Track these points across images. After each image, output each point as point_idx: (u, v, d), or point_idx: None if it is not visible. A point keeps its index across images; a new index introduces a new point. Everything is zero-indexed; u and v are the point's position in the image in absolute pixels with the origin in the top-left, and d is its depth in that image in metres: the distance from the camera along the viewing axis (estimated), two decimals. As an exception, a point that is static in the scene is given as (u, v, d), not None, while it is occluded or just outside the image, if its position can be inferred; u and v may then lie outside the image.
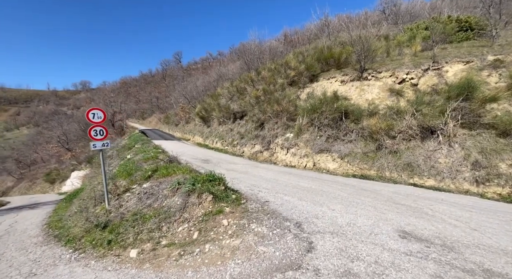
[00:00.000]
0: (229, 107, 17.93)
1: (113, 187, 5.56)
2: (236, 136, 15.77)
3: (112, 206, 5.12)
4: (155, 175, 6.08)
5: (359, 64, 11.69)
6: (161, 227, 3.91)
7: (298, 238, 3.29)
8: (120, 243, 3.80)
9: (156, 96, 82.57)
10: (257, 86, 18.00)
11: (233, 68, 36.94)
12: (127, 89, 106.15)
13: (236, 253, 3.10)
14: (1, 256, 4.18)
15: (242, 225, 3.74)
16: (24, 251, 4.33)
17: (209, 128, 20.50)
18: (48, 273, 3.24)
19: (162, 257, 3.26)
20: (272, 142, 12.75)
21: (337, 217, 4.06)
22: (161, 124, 44.75)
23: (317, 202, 4.94)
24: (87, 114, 4.92)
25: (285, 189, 6.05)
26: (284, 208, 4.50)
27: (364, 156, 8.85)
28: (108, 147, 5.33)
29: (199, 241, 3.48)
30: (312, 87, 13.97)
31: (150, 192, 5.07)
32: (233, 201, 4.55)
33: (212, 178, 5.03)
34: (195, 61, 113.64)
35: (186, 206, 4.25)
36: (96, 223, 4.43)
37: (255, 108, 15.37)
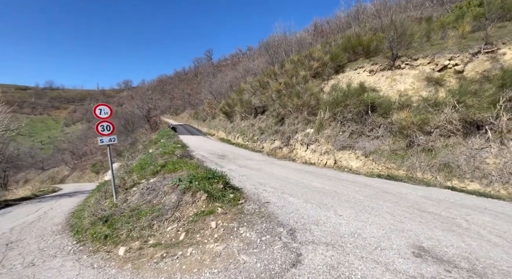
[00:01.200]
0: (250, 102, 17.68)
1: (121, 181, 5.74)
2: (257, 131, 15.49)
3: (119, 200, 5.27)
4: (163, 170, 6.12)
5: (391, 51, 10.38)
6: (152, 225, 3.83)
7: (286, 248, 2.88)
8: (114, 239, 3.83)
9: (188, 93, 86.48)
10: (280, 79, 17.39)
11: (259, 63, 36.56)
12: (162, 87, 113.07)
13: (216, 260, 2.82)
14: (20, 242, 4.57)
15: (230, 229, 3.45)
16: (39, 239, 4.66)
17: (231, 124, 20.58)
18: (44, 264, 3.38)
19: (145, 257, 3.15)
20: (291, 138, 12.18)
21: (341, 225, 3.51)
22: (192, 120, 46.69)
23: (324, 205, 4.41)
24: (94, 110, 5.08)
25: (293, 189, 5.59)
26: (284, 211, 4.08)
27: (392, 154, 7.85)
28: (114, 141, 5.48)
29: (184, 243, 3.29)
30: (337, 79, 12.93)
31: (152, 187, 5.08)
32: (229, 200, 4.28)
33: (211, 176, 4.82)
34: (225, 57, 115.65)
35: (179, 204, 4.12)
36: (100, 216, 4.57)
37: (275, 103, 14.85)
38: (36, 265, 3.40)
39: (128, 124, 44.70)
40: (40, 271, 3.16)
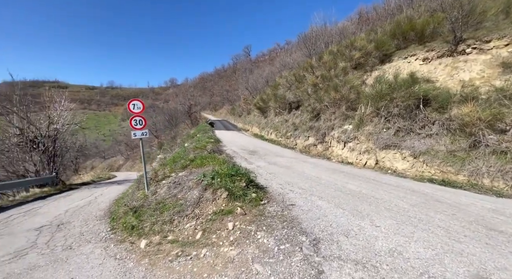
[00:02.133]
0: (285, 97, 17.12)
1: (153, 174, 6.00)
2: (290, 127, 14.94)
3: (150, 192, 5.51)
4: (191, 165, 6.21)
5: (453, 34, 8.75)
6: (173, 220, 3.83)
7: (307, 262, 2.49)
8: (139, 230, 3.96)
9: (226, 90, 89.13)
10: (317, 73, 16.40)
11: (296, 56, 35.32)
12: (204, 84, 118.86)
13: (228, 266, 2.61)
14: (68, 224, 5.10)
15: (247, 232, 3.20)
16: (83, 223, 5.15)
17: (265, 119, 20.34)
18: (78, 249, 3.66)
19: (162, 254, 3.12)
20: (327, 134, 11.36)
21: (377, 239, 2.95)
22: (229, 115, 48.03)
23: (359, 213, 3.83)
24: (128, 105, 5.35)
25: (324, 191, 5.07)
26: (309, 216, 3.66)
27: (450, 155, 6.61)
28: (146, 135, 5.71)
29: (199, 243, 3.17)
30: (383, 70, 11.54)
31: (179, 181, 5.16)
32: (250, 200, 4.04)
33: (234, 173, 4.64)
34: (263, 53, 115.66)
35: (200, 201, 4.03)
36: (131, 207, 4.82)
37: (311, 97, 14.04)
38: (72, 248, 3.71)
39: (171, 119, 48.20)
40: (73, 255, 3.41)
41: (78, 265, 3.08)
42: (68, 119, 12.61)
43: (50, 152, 11.68)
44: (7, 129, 11.30)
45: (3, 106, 11.07)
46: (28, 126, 11.18)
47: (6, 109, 11.01)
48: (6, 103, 11.18)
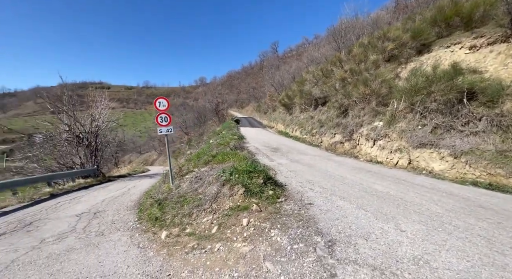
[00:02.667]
0: (310, 93, 16.61)
1: (178, 169, 6.28)
2: (316, 124, 14.47)
3: (174, 186, 5.78)
4: (213, 161, 6.36)
5: (509, 16, 7.63)
6: (192, 213, 3.96)
7: (319, 264, 2.38)
8: (161, 222, 4.18)
9: (253, 87, 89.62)
10: (346, 67, 15.59)
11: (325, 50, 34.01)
12: (231, 82, 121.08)
13: (239, 262, 2.61)
14: (103, 213, 5.60)
15: (261, 229, 3.16)
16: (115, 212, 5.60)
17: (290, 116, 19.98)
18: (108, 236, 3.99)
19: (179, 245, 3.25)
20: (355, 132, 10.76)
21: (401, 244, 2.70)
22: (255, 113, 48.29)
23: (383, 215, 3.55)
24: (155, 102, 5.65)
25: (346, 191, 4.80)
26: (327, 216, 3.49)
27: (500, 156, 5.81)
28: (171, 132, 5.99)
29: (215, 237, 3.23)
30: (420, 61, 10.55)
31: (200, 176, 5.32)
32: (267, 197, 3.99)
33: (252, 169, 4.62)
34: (290, 49, 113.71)
35: (218, 196, 4.10)
36: (156, 199, 5.11)
37: (338, 93, 13.40)
38: (104, 235, 4.06)
39: (200, 117, 50.05)
40: (103, 241, 3.74)
41: (106, 251, 3.36)
42: (107, 117, 13.85)
43: (92, 147, 12.96)
44: (59, 126, 12.79)
45: (55, 106, 12.55)
46: (75, 123, 12.53)
47: (57, 108, 12.47)
48: (57, 103, 12.64)
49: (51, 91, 25.55)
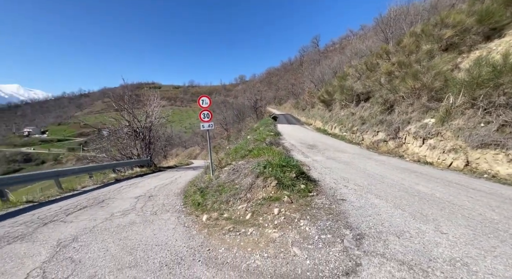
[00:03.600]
0: (352, 88, 15.76)
1: (218, 161, 6.82)
2: (357, 121, 13.73)
3: (214, 176, 6.33)
4: (249, 155, 6.73)
5: None
6: (229, 201, 4.35)
7: (345, 254, 2.47)
8: (202, 207, 4.69)
9: (292, 83, 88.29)
10: (393, 59, 14.35)
11: (371, 42, 31.61)
12: (270, 79, 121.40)
13: (269, 245, 2.87)
14: (155, 197, 6.48)
15: (291, 219, 3.35)
16: (165, 197, 6.42)
17: (330, 113, 19.27)
18: (160, 215, 4.67)
19: (218, 227, 3.66)
20: (401, 129, 9.95)
21: (438, 245, 2.58)
22: (293, 109, 47.71)
23: (422, 216, 3.37)
24: (198, 100, 6.25)
25: (384, 190, 4.62)
26: (359, 213, 3.47)
27: None
28: (212, 128, 6.53)
29: (248, 223, 3.54)
30: (488, 49, 9.18)
31: (237, 169, 5.72)
32: (299, 190, 4.13)
33: (285, 164, 4.80)
34: (333, 42, 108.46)
35: (252, 187, 4.41)
36: (198, 187, 5.70)
37: (383, 88, 12.46)
38: (156, 214, 4.77)
39: (239, 114, 51.65)
40: (156, 219, 4.41)
41: (159, 226, 3.99)
42: (159, 114, 15.56)
43: (146, 140, 14.76)
44: (121, 122, 14.89)
45: (118, 104, 14.65)
46: (133, 120, 14.43)
47: (120, 106, 14.53)
48: (120, 102, 14.72)
49: (115, 92, 29.89)
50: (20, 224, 4.13)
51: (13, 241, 3.34)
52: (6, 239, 3.44)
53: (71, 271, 2.54)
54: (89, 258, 2.83)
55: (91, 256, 2.88)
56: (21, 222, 4.24)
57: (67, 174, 7.97)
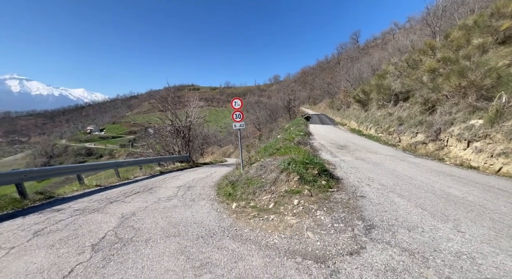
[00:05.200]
0: (390, 87, 14.96)
1: (248, 158, 7.41)
2: (394, 122, 13.05)
3: (243, 171, 6.94)
4: (277, 153, 7.17)
5: None
6: (255, 192, 4.87)
7: (353, 239, 2.76)
8: (232, 197, 5.30)
9: (328, 82, 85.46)
10: (439, 55, 13.24)
11: (416, 37, 29.15)
12: (304, 78, 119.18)
13: (287, 229, 3.29)
14: (193, 188, 7.37)
15: (309, 209, 3.71)
16: (201, 188, 7.26)
17: (365, 113, 18.48)
18: (197, 202, 5.42)
19: (244, 213, 4.21)
20: (443, 131, 9.30)
21: (450, 240, 2.68)
22: (328, 109, 46.37)
23: (444, 216, 3.41)
24: (231, 102, 6.91)
25: (409, 190, 4.62)
26: (376, 208, 3.66)
27: None
28: (243, 127, 7.13)
29: (271, 211, 4.01)
30: (554, 39, 8.07)
31: (264, 165, 6.21)
32: (319, 186, 4.44)
33: (308, 161, 5.12)
34: (374, 37, 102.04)
35: (276, 181, 4.85)
36: (230, 181, 6.36)
37: (425, 86, 11.64)
38: (194, 201, 5.56)
39: (272, 114, 52.10)
40: (194, 205, 5.16)
41: (196, 210, 4.71)
42: (197, 114, 16.97)
43: (186, 138, 16.25)
44: (165, 121, 16.66)
45: (163, 105, 16.45)
46: (175, 119, 16.04)
47: (164, 107, 16.29)
48: (164, 103, 16.49)
49: (159, 93, 33.13)
50: (94, 201, 5.29)
51: (92, 212, 4.38)
52: (87, 210, 4.52)
53: (133, 234, 3.35)
54: (145, 227, 3.63)
55: (146, 226, 3.68)
56: (95, 200, 5.40)
57: (123, 165, 9.46)
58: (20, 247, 2.94)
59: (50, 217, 4.07)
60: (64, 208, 4.63)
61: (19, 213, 4.34)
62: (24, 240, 3.12)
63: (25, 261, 2.59)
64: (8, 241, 3.13)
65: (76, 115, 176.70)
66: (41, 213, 4.29)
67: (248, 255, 2.67)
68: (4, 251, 2.85)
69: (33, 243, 3.03)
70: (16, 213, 4.30)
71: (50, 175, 6.03)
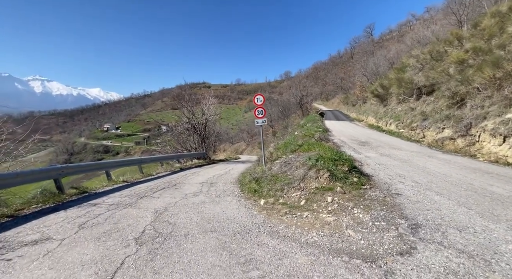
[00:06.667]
0: (412, 81, 14.34)
1: (269, 155, 7.36)
2: (417, 117, 12.53)
3: (266, 168, 6.90)
4: (299, 149, 7.06)
5: None
6: (283, 189, 4.81)
7: (400, 239, 2.65)
8: (259, 193, 5.28)
9: (340, 77, 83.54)
10: (467, 45, 12.52)
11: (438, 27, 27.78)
12: (316, 74, 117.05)
13: (324, 227, 3.22)
14: (215, 184, 7.44)
15: (344, 207, 3.61)
16: (224, 184, 7.31)
17: (384, 108, 17.88)
18: (224, 198, 5.45)
19: (275, 210, 4.17)
20: (474, 125, 8.82)
21: (509, 242, 2.51)
22: (341, 105, 45.39)
23: (494, 216, 3.21)
24: (254, 98, 6.85)
25: (447, 188, 4.40)
26: (416, 207, 3.50)
27: None
28: (264, 123, 7.07)
29: (303, 208, 3.94)
30: None
31: (288, 162, 6.14)
32: (351, 183, 4.32)
33: (337, 158, 4.99)
34: (390, 30, 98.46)
35: (305, 177, 4.77)
36: (253, 177, 6.35)
37: (452, 79, 11.06)
38: (220, 197, 5.58)
39: (284, 110, 51.64)
40: (221, 201, 5.20)
41: (225, 206, 4.73)
42: (213, 111, 17.08)
43: (202, 135, 16.43)
44: (181, 118, 16.91)
45: (180, 103, 16.68)
46: (192, 116, 16.23)
47: (181, 105, 16.52)
48: (181, 101, 16.71)
49: (171, 92, 33.44)
50: (125, 196, 5.45)
51: (126, 207, 4.51)
52: (121, 205, 4.65)
53: (171, 229, 3.40)
54: (180, 222, 3.68)
55: (181, 221, 3.73)
56: (125, 195, 5.57)
57: (146, 162, 9.70)
58: (69, 238, 3.06)
59: (90, 211, 4.22)
60: (99, 203, 4.79)
61: (60, 206, 4.54)
62: (72, 232, 3.25)
63: (77, 252, 2.69)
64: (58, 232, 3.27)
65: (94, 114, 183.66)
66: (80, 207, 4.46)
67: (291, 252, 2.63)
68: (57, 242, 2.98)
69: (81, 235, 3.15)
70: (57, 207, 4.50)
71: (83, 170, 6.28)
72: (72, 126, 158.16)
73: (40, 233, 3.28)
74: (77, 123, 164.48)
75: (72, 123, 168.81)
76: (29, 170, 4.73)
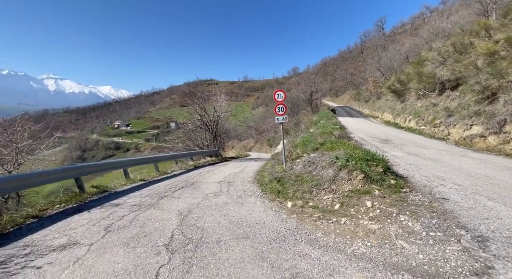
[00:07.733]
0: (434, 75, 13.62)
1: (289, 153, 7.06)
2: (441, 113, 11.89)
3: (287, 167, 6.60)
4: (322, 148, 6.72)
5: None
6: (312, 191, 4.52)
7: (468, 254, 2.32)
8: (284, 194, 5.00)
9: (350, 73, 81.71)
10: (497, 36, 11.71)
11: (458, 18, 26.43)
12: (325, 70, 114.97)
13: (370, 236, 2.91)
14: (233, 183, 7.20)
15: (388, 213, 3.28)
16: (242, 184, 7.07)
17: (402, 104, 17.16)
18: (245, 199, 5.21)
19: (306, 214, 3.89)
20: (509, 122, 8.21)
21: None
22: (352, 101, 44.36)
23: (563, 227, 2.82)
24: (274, 94, 6.54)
25: (496, 192, 3.99)
26: (471, 214, 3.14)
27: None
28: (285, 121, 6.75)
29: (339, 213, 3.64)
30: None
31: (312, 161, 5.82)
32: (389, 186, 3.97)
33: (370, 158, 4.64)
34: (402, 23, 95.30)
35: (335, 179, 4.45)
36: (274, 177, 6.07)
37: (481, 72, 10.36)
38: (242, 198, 5.34)
39: (293, 107, 50.96)
40: (244, 202, 4.95)
41: (250, 208, 4.49)
42: (224, 108, 16.86)
43: (214, 132, 16.26)
44: (193, 115, 16.78)
45: (191, 99, 16.53)
46: (204, 113, 16.07)
47: (193, 102, 16.37)
48: (193, 98, 16.55)
49: (179, 89, 33.36)
50: (145, 196, 5.29)
51: (149, 208, 4.33)
52: (144, 205, 4.49)
53: (201, 234, 3.18)
54: (209, 227, 3.45)
55: (209, 225, 3.51)
56: (145, 195, 5.41)
57: (162, 160, 9.60)
58: (97, 244, 2.89)
59: (113, 212, 4.06)
60: (121, 203, 4.64)
61: (83, 206, 4.42)
62: (99, 237, 3.08)
63: (108, 260, 2.51)
64: (84, 236, 3.11)
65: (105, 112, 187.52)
66: (103, 207, 4.32)
67: (340, 267, 2.35)
68: (85, 247, 2.81)
69: (108, 240, 2.97)
70: (81, 207, 4.38)
71: (103, 169, 6.19)
72: (85, 123, 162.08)
73: (67, 237, 3.13)
74: (89, 121, 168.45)
75: (84, 120, 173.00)
76: (52, 169, 4.63)
